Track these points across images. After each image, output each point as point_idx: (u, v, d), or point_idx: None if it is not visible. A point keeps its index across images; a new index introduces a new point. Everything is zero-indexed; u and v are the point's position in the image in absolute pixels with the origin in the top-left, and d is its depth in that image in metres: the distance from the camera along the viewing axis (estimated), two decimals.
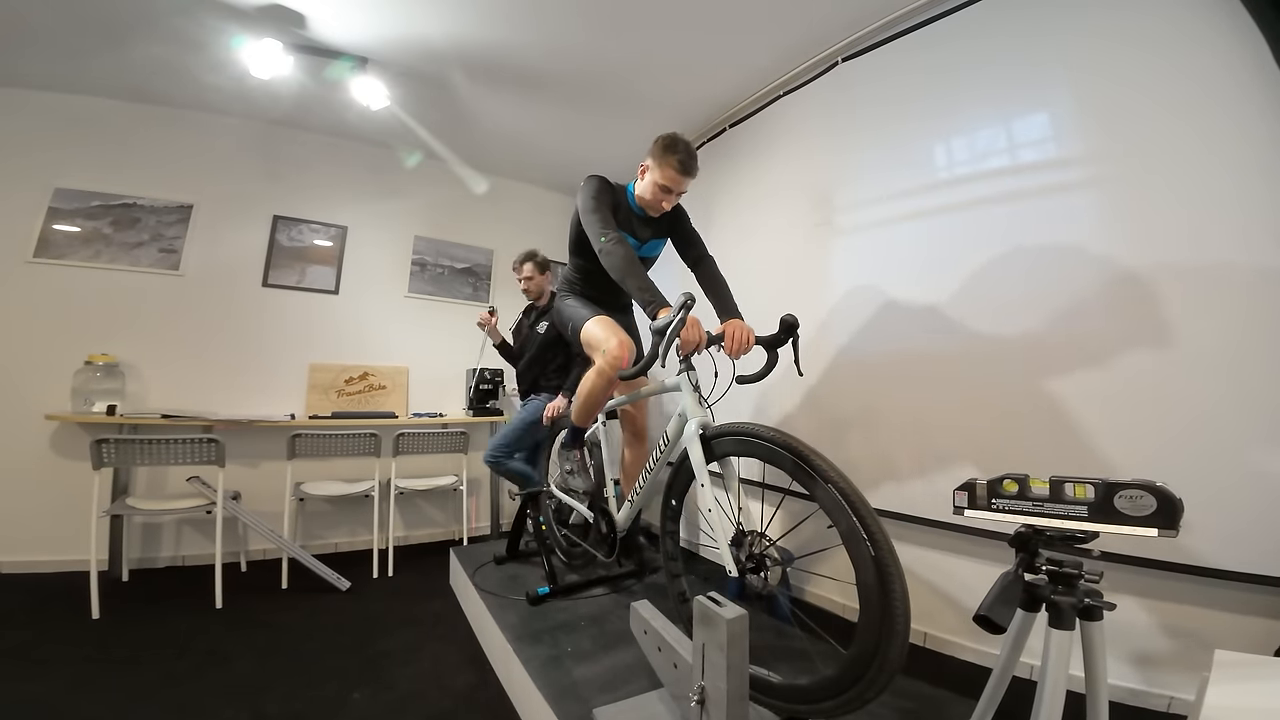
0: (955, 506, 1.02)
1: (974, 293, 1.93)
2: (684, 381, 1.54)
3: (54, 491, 2.63)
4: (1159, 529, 0.81)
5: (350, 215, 3.52)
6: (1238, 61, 1.44)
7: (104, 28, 2.37)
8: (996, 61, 1.93)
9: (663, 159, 1.69)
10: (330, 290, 3.44)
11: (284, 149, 3.33)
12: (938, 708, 1.48)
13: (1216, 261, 1.46)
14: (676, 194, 1.75)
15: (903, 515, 2.01)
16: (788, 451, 1.23)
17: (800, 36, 2.42)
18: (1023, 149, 1.87)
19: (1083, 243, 1.68)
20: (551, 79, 2.76)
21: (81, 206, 2.88)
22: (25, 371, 2.69)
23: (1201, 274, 1.48)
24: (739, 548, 1.36)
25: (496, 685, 1.77)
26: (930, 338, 2.02)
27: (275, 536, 2.60)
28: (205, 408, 2.90)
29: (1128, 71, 1.64)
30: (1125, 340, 1.58)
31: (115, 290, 2.91)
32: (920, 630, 2.01)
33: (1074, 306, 1.68)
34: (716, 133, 3.18)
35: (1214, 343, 1.45)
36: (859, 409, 2.24)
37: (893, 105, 2.22)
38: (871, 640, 1.04)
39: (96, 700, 1.62)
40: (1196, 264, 1.49)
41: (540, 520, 2.29)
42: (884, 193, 2.24)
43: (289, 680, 1.79)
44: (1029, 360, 1.77)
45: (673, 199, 1.76)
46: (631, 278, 1.49)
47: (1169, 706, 1.49)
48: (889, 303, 2.17)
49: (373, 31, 2.43)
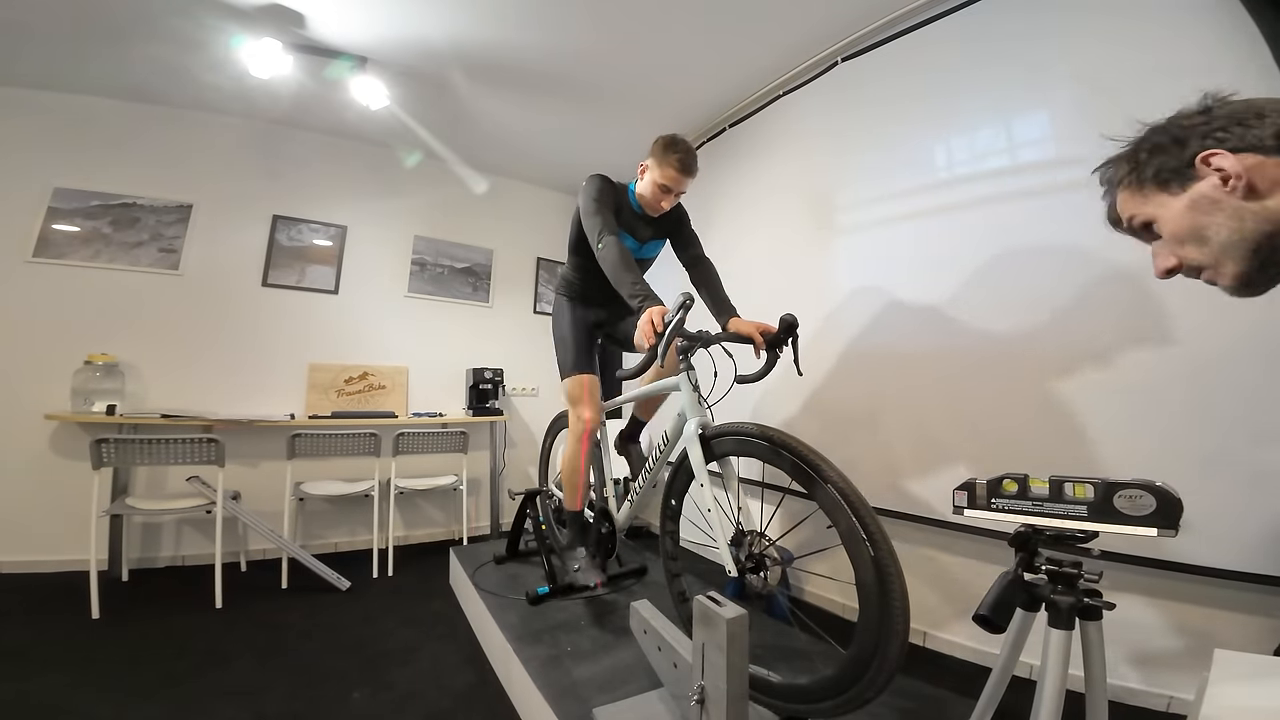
0: (955, 506, 1.02)
1: (973, 292, 1.93)
2: (684, 381, 1.54)
3: (54, 491, 2.63)
4: (1159, 528, 0.81)
5: (350, 215, 3.52)
6: (1237, 62, 1.44)
7: (104, 27, 2.37)
8: (996, 62, 1.93)
9: (662, 158, 1.70)
10: (330, 290, 3.44)
11: (284, 149, 3.33)
12: (938, 708, 1.48)
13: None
14: (676, 194, 1.75)
15: (903, 514, 2.01)
16: (787, 451, 1.23)
17: (800, 36, 2.42)
18: (1023, 149, 1.87)
19: (1083, 242, 1.68)
20: (551, 79, 2.76)
21: (81, 206, 2.88)
22: (25, 371, 2.69)
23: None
24: (738, 547, 1.36)
25: (496, 685, 1.77)
26: (929, 337, 2.02)
27: (275, 536, 2.60)
28: (205, 408, 2.90)
29: (1128, 72, 1.64)
30: (1125, 339, 1.59)
31: (115, 290, 2.90)
32: (920, 630, 2.01)
33: (1074, 306, 1.68)
34: (716, 133, 3.18)
35: (1213, 341, 1.45)
36: (859, 409, 2.24)
37: (893, 105, 2.22)
38: (871, 640, 1.04)
39: (96, 700, 1.61)
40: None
41: (540, 520, 2.29)
42: (884, 192, 2.24)
43: (289, 680, 1.79)
44: (1029, 359, 1.77)
45: (672, 199, 1.76)
46: (626, 275, 1.50)
47: (1169, 706, 1.49)
48: (889, 302, 2.18)
49: (372, 31, 2.43)
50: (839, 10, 2.23)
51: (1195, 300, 1.48)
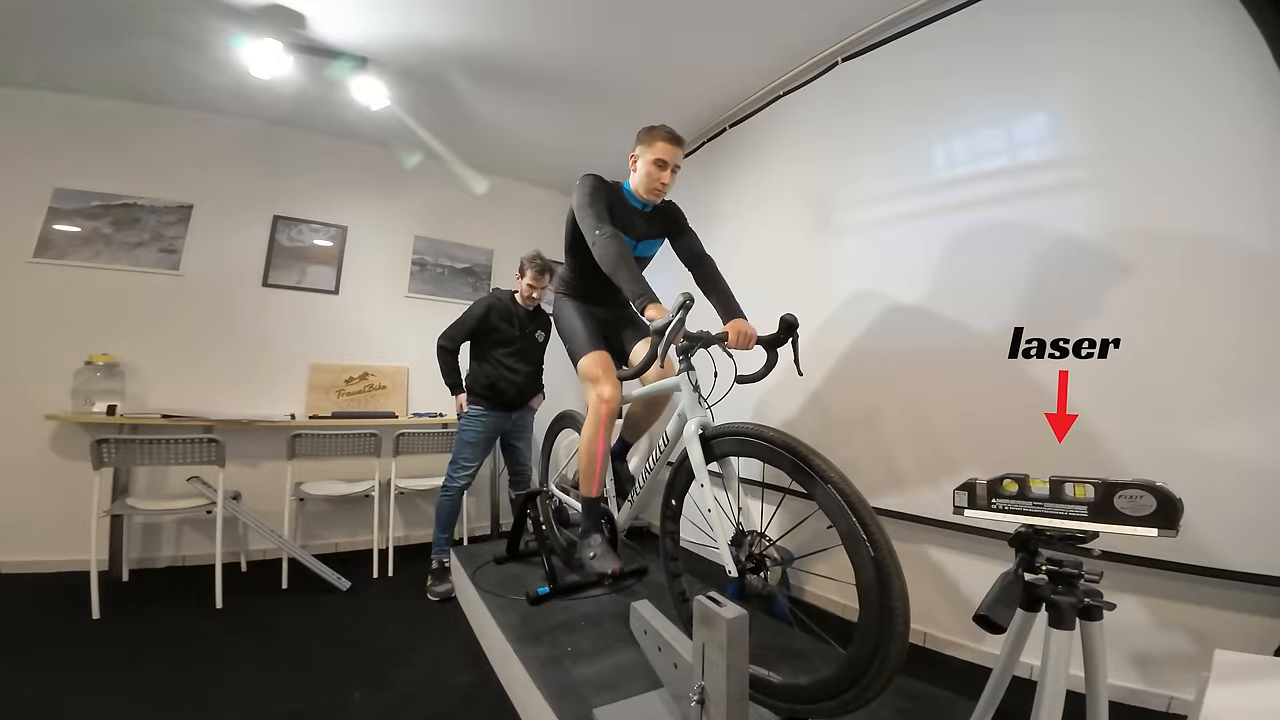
0: (955, 506, 1.01)
1: (973, 292, 1.93)
2: (684, 381, 1.54)
3: (54, 491, 2.63)
4: (1159, 529, 0.81)
5: (350, 215, 3.52)
6: (1237, 63, 1.44)
7: (104, 28, 2.37)
8: (996, 62, 1.93)
9: (650, 137, 1.72)
10: (330, 290, 3.44)
11: (284, 149, 3.33)
12: (938, 708, 1.47)
13: (1215, 261, 1.46)
14: (672, 167, 1.74)
15: (903, 514, 2.01)
16: (787, 451, 1.23)
17: (800, 36, 2.42)
18: (1023, 149, 1.87)
19: (1082, 242, 1.68)
20: (552, 79, 2.76)
21: (81, 206, 2.88)
22: (25, 371, 2.69)
23: (1200, 273, 1.48)
24: (739, 548, 1.36)
25: (496, 685, 1.77)
26: (929, 337, 2.02)
27: (275, 536, 2.60)
28: (205, 408, 2.89)
29: (1127, 72, 1.64)
30: (1124, 339, 1.58)
31: (115, 290, 2.91)
32: (920, 630, 2.01)
33: (1074, 305, 1.68)
34: (716, 133, 3.18)
35: (1213, 340, 1.45)
36: (859, 409, 2.24)
37: (893, 105, 2.22)
38: (871, 640, 1.04)
39: (97, 700, 1.62)
40: (1195, 263, 1.49)
41: (540, 520, 2.29)
42: (884, 192, 2.24)
43: (289, 680, 1.79)
44: (1028, 359, 1.77)
45: (669, 175, 1.74)
46: (623, 271, 1.50)
47: (1169, 706, 1.49)
48: (889, 302, 2.17)
49: (373, 31, 2.43)
50: (839, 11, 2.23)
51: (1195, 300, 1.49)
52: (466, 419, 2.66)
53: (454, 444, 2.71)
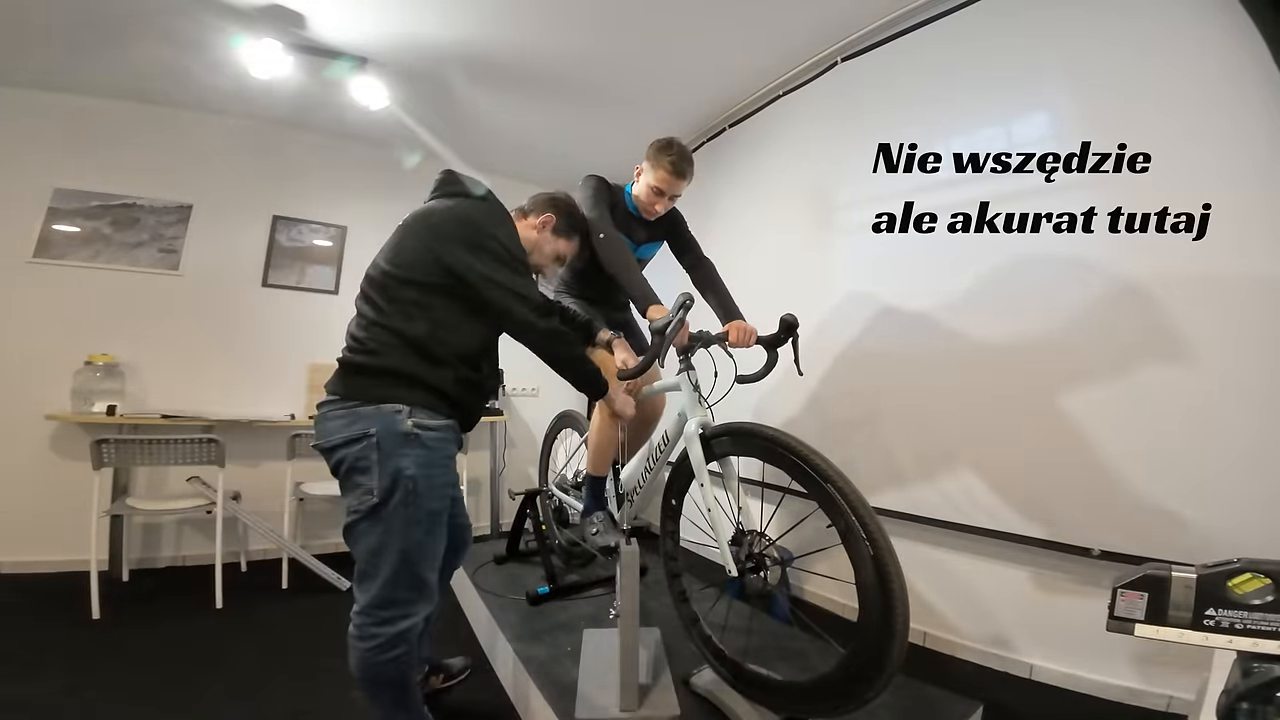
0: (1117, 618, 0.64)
1: (973, 293, 1.93)
2: (684, 381, 1.54)
3: (54, 491, 2.63)
4: None
5: (350, 215, 3.51)
6: (1237, 63, 1.44)
7: (103, 27, 2.37)
8: (996, 62, 1.93)
9: (656, 161, 1.70)
10: (330, 290, 3.43)
11: (284, 149, 3.33)
12: (938, 708, 1.47)
13: (1214, 261, 1.46)
14: (669, 197, 1.75)
15: (903, 514, 2.01)
16: (787, 451, 1.23)
17: (800, 36, 2.42)
18: (1022, 149, 1.87)
19: (1082, 242, 1.68)
20: (552, 79, 2.76)
21: (81, 206, 2.87)
22: (25, 372, 2.69)
23: (1200, 273, 1.48)
24: (739, 547, 1.36)
25: (496, 685, 1.77)
26: (930, 337, 2.02)
27: (275, 536, 2.60)
28: (205, 408, 2.89)
29: (1127, 73, 1.64)
30: (1125, 340, 1.58)
31: (115, 290, 2.90)
32: (920, 630, 2.01)
33: (1073, 307, 1.68)
34: (716, 133, 3.18)
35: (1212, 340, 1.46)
36: (859, 409, 2.24)
37: (893, 105, 2.22)
38: (871, 640, 1.04)
39: (96, 700, 1.62)
40: (1195, 263, 1.49)
41: (540, 520, 2.29)
42: (884, 192, 2.23)
43: (289, 680, 1.79)
44: (1028, 360, 1.77)
45: (665, 202, 1.75)
46: (626, 271, 1.53)
47: (1169, 706, 1.49)
48: (889, 302, 2.17)
49: (372, 31, 2.43)
50: (838, 11, 2.23)
51: (1194, 299, 1.49)
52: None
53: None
